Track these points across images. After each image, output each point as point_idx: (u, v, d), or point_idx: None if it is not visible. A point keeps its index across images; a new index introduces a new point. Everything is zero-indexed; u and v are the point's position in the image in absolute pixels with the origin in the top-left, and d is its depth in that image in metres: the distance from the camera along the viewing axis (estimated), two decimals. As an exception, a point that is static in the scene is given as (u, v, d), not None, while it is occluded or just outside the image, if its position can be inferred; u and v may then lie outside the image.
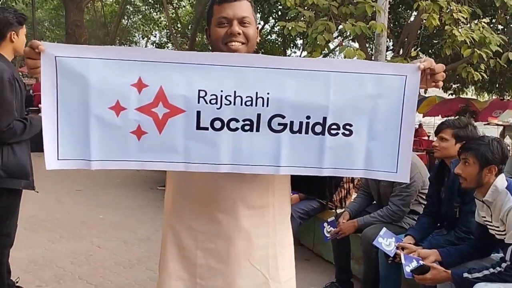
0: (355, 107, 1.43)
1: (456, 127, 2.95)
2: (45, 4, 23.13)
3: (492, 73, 9.10)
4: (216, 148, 1.39)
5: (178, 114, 1.37)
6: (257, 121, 1.40)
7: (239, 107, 1.38)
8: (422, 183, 3.35)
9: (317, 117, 1.41)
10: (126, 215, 5.57)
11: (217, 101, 1.37)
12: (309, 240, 4.53)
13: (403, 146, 1.46)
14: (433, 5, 5.52)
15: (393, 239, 2.95)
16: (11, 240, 2.89)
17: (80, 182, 7.09)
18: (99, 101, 1.35)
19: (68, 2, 13.57)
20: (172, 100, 1.36)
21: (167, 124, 1.37)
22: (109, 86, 1.35)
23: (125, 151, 1.38)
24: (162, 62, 1.36)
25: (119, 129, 1.37)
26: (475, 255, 2.64)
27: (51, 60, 1.33)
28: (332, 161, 1.45)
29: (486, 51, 5.84)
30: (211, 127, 1.38)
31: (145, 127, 1.37)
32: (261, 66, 1.39)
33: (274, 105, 1.39)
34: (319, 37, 5.64)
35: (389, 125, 1.45)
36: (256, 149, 1.42)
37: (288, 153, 1.43)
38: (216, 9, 1.54)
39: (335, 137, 1.44)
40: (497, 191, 2.40)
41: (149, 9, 22.23)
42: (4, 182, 2.68)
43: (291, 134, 1.42)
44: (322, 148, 1.44)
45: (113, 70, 1.35)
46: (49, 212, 5.56)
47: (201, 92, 1.37)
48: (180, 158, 1.40)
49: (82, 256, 4.17)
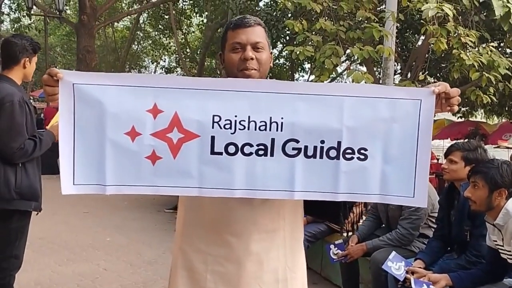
0: (370, 131, 1.43)
1: (466, 149, 2.94)
2: (57, 31, 23.62)
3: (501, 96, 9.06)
4: (230, 173, 1.40)
5: (193, 139, 1.39)
6: (271, 146, 1.40)
7: (253, 132, 1.39)
8: (431, 206, 3.31)
9: (331, 141, 1.42)
10: (133, 237, 5.55)
11: (231, 126, 1.38)
12: (317, 264, 4.47)
13: (420, 170, 1.45)
14: (440, 29, 5.55)
15: (402, 263, 2.91)
16: (19, 262, 2.89)
17: (87, 205, 7.10)
18: (114, 126, 1.37)
19: (80, 28, 13.86)
20: (187, 125, 1.38)
21: (181, 149, 1.39)
22: (125, 111, 1.37)
23: (140, 176, 1.40)
24: (177, 88, 1.39)
25: (134, 154, 1.38)
26: (487, 279, 2.58)
27: (69, 87, 1.37)
28: (347, 186, 1.44)
29: (494, 74, 5.84)
30: (225, 152, 1.39)
31: (160, 152, 1.39)
32: (275, 91, 1.41)
33: (288, 130, 1.40)
34: (327, 61, 5.67)
35: (404, 149, 1.44)
36: (270, 174, 1.42)
37: (302, 178, 1.42)
38: (230, 35, 1.57)
39: (350, 161, 1.43)
40: (508, 215, 2.37)
41: (159, 34, 22.60)
42: (16, 204, 2.71)
43: (305, 158, 1.42)
44: (337, 173, 1.43)
45: (129, 96, 1.38)
46: (56, 234, 5.56)
47: (215, 118, 1.38)
48: (194, 183, 1.41)
49: (89, 279, 4.15)
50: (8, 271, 2.83)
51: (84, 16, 13.67)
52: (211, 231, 1.58)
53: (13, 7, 18.06)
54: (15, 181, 2.69)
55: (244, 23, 1.56)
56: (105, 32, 22.75)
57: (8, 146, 2.64)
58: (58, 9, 13.67)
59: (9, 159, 2.67)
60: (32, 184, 2.78)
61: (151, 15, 20.44)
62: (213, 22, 17.02)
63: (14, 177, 2.69)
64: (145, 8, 18.62)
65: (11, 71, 2.81)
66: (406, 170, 1.45)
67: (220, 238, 1.57)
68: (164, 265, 4.53)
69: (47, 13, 15.59)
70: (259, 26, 1.58)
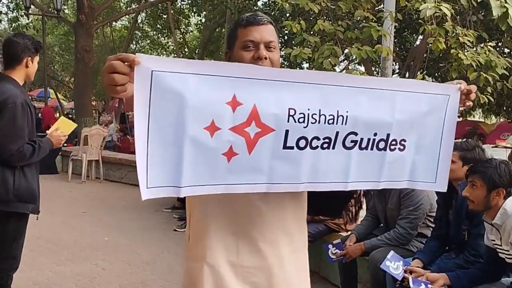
0: (411, 124, 1.52)
1: (464, 149, 2.94)
2: (55, 30, 23.57)
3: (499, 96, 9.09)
4: (297, 167, 1.38)
5: (269, 133, 1.32)
6: (334, 139, 1.42)
7: (322, 126, 1.38)
8: (429, 206, 3.32)
9: (382, 133, 1.48)
10: (131, 237, 5.54)
11: (305, 120, 1.35)
12: (315, 264, 4.47)
13: (443, 158, 1.59)
14: (439, 29, 5.56)
15: (401, 262, 2.91)
16: (17, 263, 2.89)
17: (86, 205, 7.09)
18: (194, 121, 1.24)
19: (78, 28, 13.82)
20: (265, 119, 1.31)
21: (257, 144, 1.32)
22: (205, 104, 1.25)
23: (214, 174, 1.30)
24: (255, 79, 1.30)
25: (212, 151, 1.28)
26: (485, 279, 2.59)
27: (146, 75, 1.18)
28: (387, 174, 1.53)
29: (492, 74, 5.85)
30: (296, 146, 1.36)
31: (237, 148, 1.30)
32: (341, 85, 1.41)
33: (351, 123, 1.42)
34: (325, 62, 5.68)
35: (432, 140, 1.57)
36: (330, 166, 1.44)
37: (355, 169, 1.47)
38: (241, 32, 1.50)
39: (393, 152, 1.52)
40: (506, 214, 2.37)
41: (157, 34, 22.59)
42: (13, 206, 2.71)
43: (359, 150, 1.46)
44: (382, 163, 1.51)
45: (209, 86, 1.25)
46: (54, 234, 5.55)
47: (290, 111, 1.33)
48: (263, 179, 1.36)
49: (87, 278, 4.14)
50: (5, 271, 2.83)
51: (82, 15, 13.63)
52: (243, 240, 1.50)
53: (11, 7, 18.01)
54: (13, 183, 2.68)
55: (257, 21, 1.50)
56: (103, 31, 22.70)
57: (7, 148, 2.63)
58: (56, 9, 13.64)
59: (6, 161, 2.66)
60: (30, 186, 2.77)
61: (149, 14, 20.42)
62: (211, 21, 17.04)
63: (13, 179, 2.69)
64: (143, 7, 18.59)
65: (13, 71, 2.79)
66: (431, 158, 1.58)
67: (251, 247, 1.50)
68: (163, 265, 4.53)
69: (45, 12, 15.55)
70: (271, 24, 1.53)
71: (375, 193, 3.66)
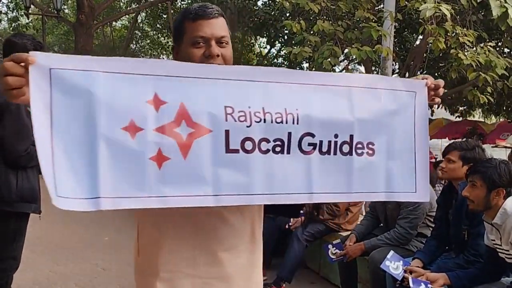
0: (376, 124, 1.36)
1: (464, 149, 2.94)
2: (55, 30, 23.56)
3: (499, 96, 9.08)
4: (248, 174, 1.21)
5: (205, 134, 1.17)
6: (288, 141, 1.25)
7: (269, 125, 1.23)
8: (429, 206, 3.32)
9: (344, 135, 1.31)
10: (131, 237, 5.52)
11: (246, 119, 1.20)
12: (315, 263, 4.48)
13: (420, 164, 1.40)
14: (439, 29, 5.57)
15: (400, 262, 2.91)
16: (17, 263, 2.89)
17: (86, 204, 7.10)
18: (109, 121, 1.10)
19: (78, 28, 13.83)
20: (197, 118, 1.17)
21: (192, 146, 1.16)
22: (120, 103, 1.11)
23: (143, 184, 1.13)
24: (180, 76, 1.18)
25: (136, 155, 1.12)
26: (485, 279, 2.59)
27: (44, 74, 1.06)
28: (359, 184, 1.34)
29: (492, 74, 5.85)
30: (241, 149, 1.20)
31: (167, 151, 1.14)
32: (287, 82, 1.28)
33: (304, 122, 1.26)
34: (325, 62, 5.68)
35: (404, 143, 1.39)
36: (288, 175, 1.26)
37: (318, 178, 1.29)
38: (189, 27, 1.34)
39: (361, 157, 1.34)
40: (506, 214, 2.37)
41: (157, 34, 22.57)
42: (17, 206, 2.71)
43: (320, 155, 1.29)
44: (350, 170, 1.32)
45: (124, 85, 1.12)
46: (54, 234, 5.55)
47: (227, 109, 1.19)
48: (208, 190, 1.18)
49: (87, 278, 4.14)
50: (6, 272, 2.83)
51: (82, 15, 13.64)
52: (202, 251, 1.36)
53: (10, 6, 18.00)
54: (16, 184, 2.69)
55: (207, 14, 1.34)
56: (103, 31, 22.70)
57: (15, 150, 2.62)
58: (56, 8, 13.64)
59: (15, 163, 2.66)
60: (32, 186, 2.78)
61: (149, 14, 20.39)
62: (211, 21, 16.98)
63: (15, 180, 2.69)
64: (143, 7, 18.59)
65: None
66: (407, 164, 1.39)
67: (210, 256, 1.37)
68: (163, 264, 4.53)
69: (45, 12, 15.55)
70: (222, 17, 1.38)
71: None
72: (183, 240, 1.36)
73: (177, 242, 1.36)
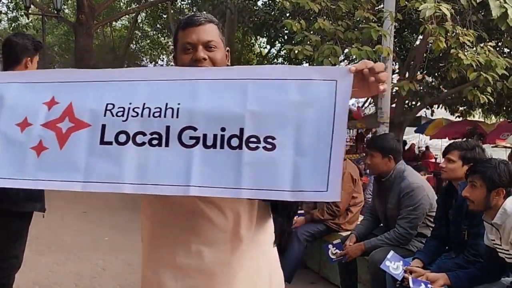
0: (278, 117, 1.28)
1: (464, 149, 2.94)
2: (55, 30, 23.56)
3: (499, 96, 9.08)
4: (119, 164, 1.29)
5: (83, 128, 1.33)
6: (166, 135, 1.29)
7: (146, 119, 1.30)
8: (429, 206, 3.32)
9: (233, 128, 1.27)
10: (131, 237, 5.53)
11: (124, 114, 1.31)
12: (315, 263, 4.48)
13: (334, 161, 1.24)
14: (439, 29, 5.57)
15: (400, 262, 2.91)
16: (19, 262, 2.89)
17: (86, 204, 7.09)
18: (8, 119, 1.38)
19: (78, 28, 13.82)
20: (79, 114, 1.34)
21: (69, 139, 1.32)
22: (21, 105, 1.39)
23: (22, 169, 1.33)
24: (75, 82, 1.40)
25: (20, 145, 1.34)
26: (485, 279, 2.59)
27: None
28: (252, 180, 1.25)
29: (492, 74, 5.85)
30: (115, 141, 1.30)
31: (47, 143, 1.34)
32: (175, 78, 1.36)
33: (184, 116, 1.29)
34: (325, 61, 5.68)
35: (319, 137, 1.26)
36: (164, 166, 1.28)
37: (200, 171, 1.26)
38: (180, 35, 1.48)
39: (254, 151, 1.26)
40: (506, 214, 2.37)
41: (157, 34, 22.57)
42: (23, 205, 2.71)
43: (204, 149, 1.27)
44: (239, 165, 1.25)
45: (29, 91, 1.41)
46: (54, 234, 5.55)
47: (108, 106, 1.33)
48: (79, 177, 1.31)
49: (87, 278, 4.15)
50: (7, 271, 2.82)
51: (82, 15, 13.63)
52: (181, 243, 1.47)
53: (10, 6, 18.00)
54: None
55: (194, 22, 1.46)
56: (103, 31, 22.71)
57: None
58: (56, 8, 13.63)
59: None
60: None
61: (149, 14, 20.40)
62: (211, 21, 16.98)
63: None
64: (143, 7, 18.58)
65: (13, 71, 2.79)
66: (320, 160, 1.25)
67: (190, 248, 1.46)
68: (163, 264, 4.53)
69: (45, 12, 15.54)
70: (211, 23, 1.49)
71: (375, 193, 3.66)
72: (168, 233, 1.50)
73: (163, 234, 1.51)
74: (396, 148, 3.40)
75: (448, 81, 9.64)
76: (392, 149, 3.36)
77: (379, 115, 6.46)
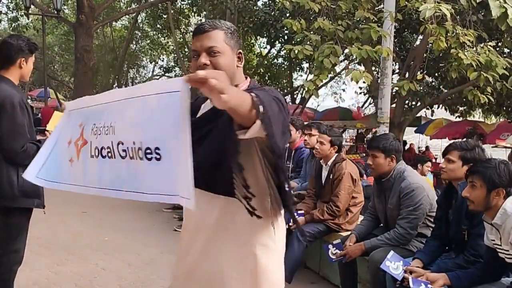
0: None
1: (464, 149, 2.94)
2: (55, 30, 23.58)
3: (499, 96, 9.09)
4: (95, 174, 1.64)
5: (85, 145, 1.69)
6: (112, 148, 1.58)
7: (104, 136, 1.61)
8: (429, 206, 3.31)
9: (135, 142, 1.47)
10: (131, 237, 5.54)
11: (97, 132, 1.63)
12: (315, 263, 4.48)
13: (181, 165, 1.31)
14: (439, 29, 5.57)
15: (401, 262, 2.91)
16: (20, 257, 2.91)
17: (86, 204, 7.08)
18: (63, 137, 1.81)
19: (78, 28, 13.84)
20: (86, 134, 1.70)
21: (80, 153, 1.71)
22: (70, 126, 1.80)
23: (61, 175, 1.79)
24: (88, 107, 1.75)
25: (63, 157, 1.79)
26: (485, 279, 2.59)
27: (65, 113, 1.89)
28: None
29: (492, 74, 5.86)
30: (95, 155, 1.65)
31: (74, 157, 1.74)
32: (116, 100, 1.59)
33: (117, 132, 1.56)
34: (326, 61, 5.69)
35: (174, 145, 1.35)
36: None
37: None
38: (192, 43, 1.64)
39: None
40: (506, 214, 2.37)
41: (157, 34, 22.59)
42: (19, 201, 2.76)
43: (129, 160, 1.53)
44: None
45: (74, 117, 1.80)
46: (54, 234, 5.55)
47: (93, 126, 1.66)
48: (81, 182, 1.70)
49: (87, 278, 4.14)
50: (8, 266, 2.84)
51: (82, 15, 13.65)
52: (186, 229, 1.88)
53: (10, 6, 18.01)
54: (17, 180, 2.73)
55: (199, 30, 1.59)
56: (103, 31, 22.71)
57: (12, 148, 2.69)
58: (56, 9, 13.63)
59: (12, 160, 2.72)
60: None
61: (149, 14, 20.42)
62: (211, 21, 16.95)
63: (16, 176, 2.73)
64: (143, 7, 18.60)
65: (7, 71, 2.84)
66: (174, 166, 1.34)
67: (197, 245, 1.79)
68: (163, 265, 4.53)
69: (45, 12, 15.54)
70: (216, 29, 1.59)
71: (375, 193, 3.66)
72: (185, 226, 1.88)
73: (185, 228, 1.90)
74: (398, 148, 3.41)
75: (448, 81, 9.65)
76: (394, 149, 3.36)
77: (379, 115, 6.47)
